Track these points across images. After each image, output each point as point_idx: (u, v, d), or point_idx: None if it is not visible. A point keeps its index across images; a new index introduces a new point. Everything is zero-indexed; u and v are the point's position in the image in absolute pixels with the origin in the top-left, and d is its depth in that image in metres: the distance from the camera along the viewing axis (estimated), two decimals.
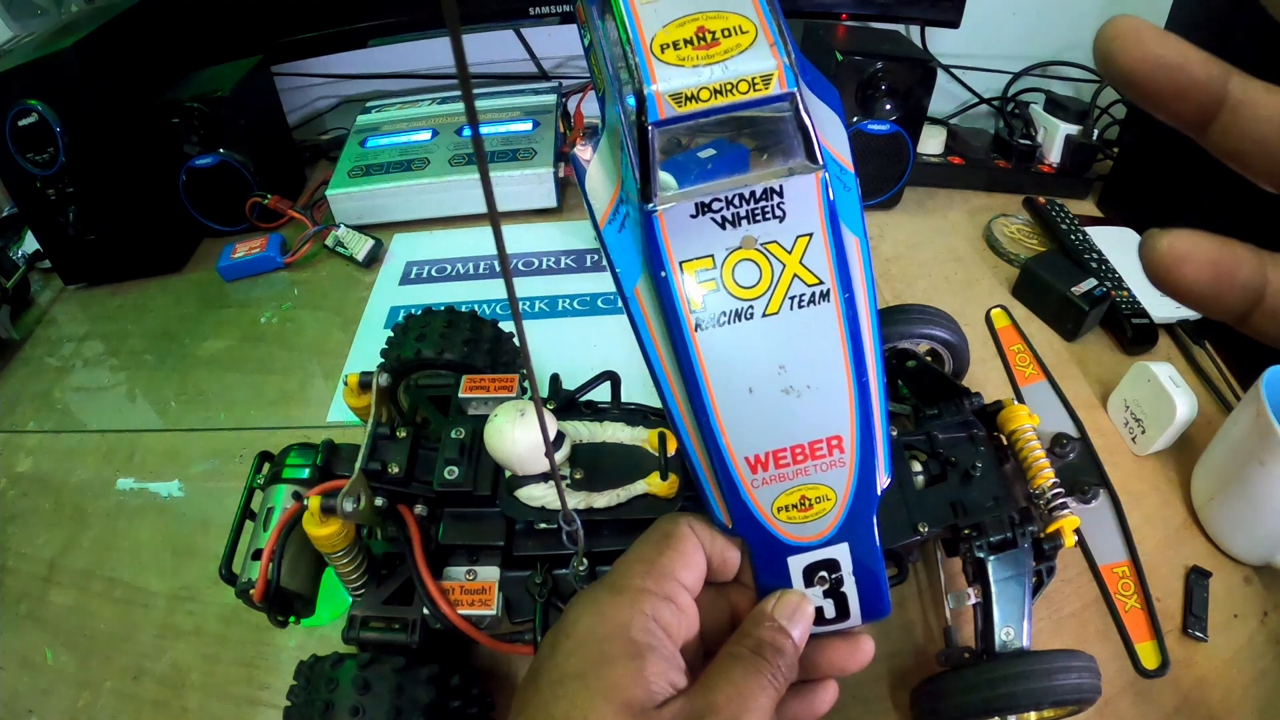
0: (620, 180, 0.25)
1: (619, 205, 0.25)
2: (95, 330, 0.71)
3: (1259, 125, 0.16)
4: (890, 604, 0.27)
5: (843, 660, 0.27)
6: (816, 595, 0.27)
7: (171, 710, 0.44)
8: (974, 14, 0.75)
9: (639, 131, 0.21)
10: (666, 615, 0.24)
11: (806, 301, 0.24)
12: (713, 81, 0.21)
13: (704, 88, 0.21)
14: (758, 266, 0.23)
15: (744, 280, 0.23)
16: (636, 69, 0.21)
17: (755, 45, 0.21)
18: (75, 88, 0.65)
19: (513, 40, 0.89)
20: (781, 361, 0.24)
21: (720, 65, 0.21)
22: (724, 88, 0.21)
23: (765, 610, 0.26)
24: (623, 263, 0.24)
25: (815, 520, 0.26)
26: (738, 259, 0.23)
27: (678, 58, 0.21)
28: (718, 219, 0.23)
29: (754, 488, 0.25)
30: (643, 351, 0.25)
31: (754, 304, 0.23)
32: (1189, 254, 0.17)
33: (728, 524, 0.26)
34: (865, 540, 0.26)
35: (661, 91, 0.21)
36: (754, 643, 0.24)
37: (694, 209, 0.23)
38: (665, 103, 0.21)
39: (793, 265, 0.23)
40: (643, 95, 0.21)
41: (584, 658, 0.23)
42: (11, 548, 0.53)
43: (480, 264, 0.72)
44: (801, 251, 0.23)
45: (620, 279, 0.24)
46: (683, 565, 0.25)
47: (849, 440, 0.25)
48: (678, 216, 0.23)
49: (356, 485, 0.34)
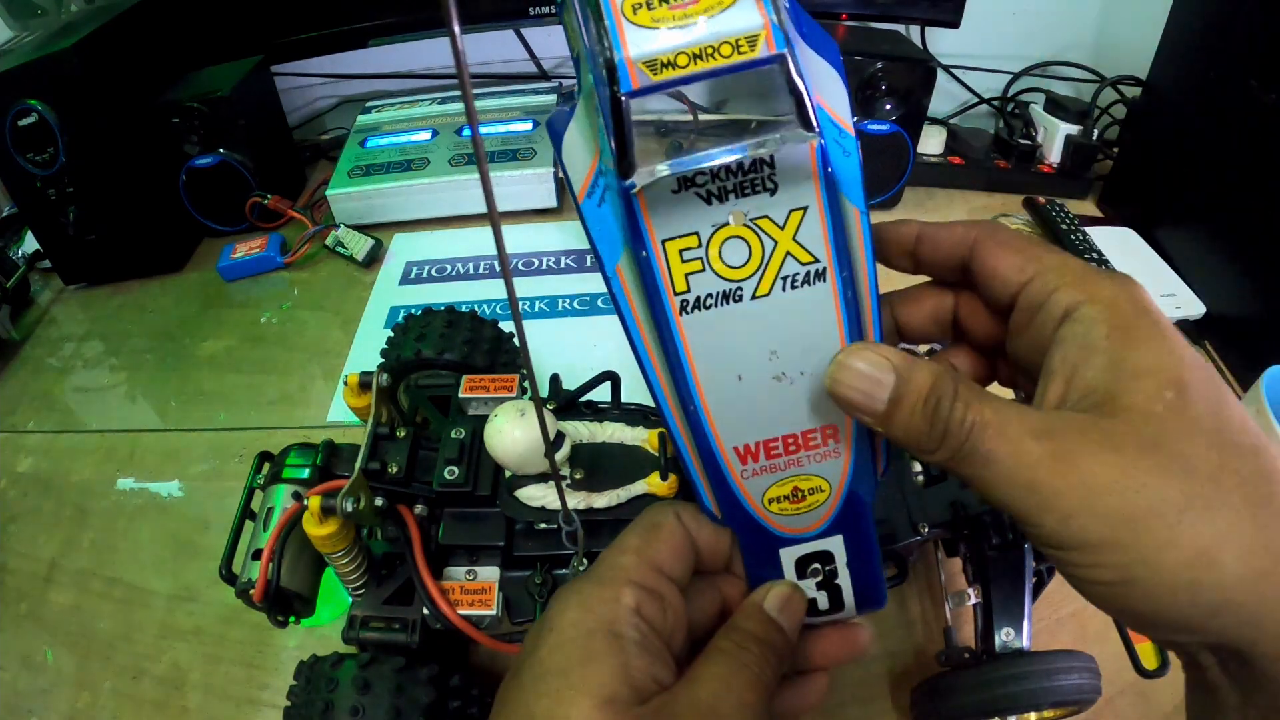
0: (599, 150, 0.22)
1: (597, 177, 0.22)
2: (95, 330, 0.71)
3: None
4: (886, 595, 0.27)
5: (835, 651, 0.27)
6: (809, 587, 0.26)
7: (171, 710, 0.44)
8: (974, 14, 0.75)
9: (612, 103, 0.19)
10: (652, 608, 0.24)
11: (800, 281, 0.22)
12: (691, 44, 0.18)
13: (681, 51, 0.18)
14: (747, 244, 0.21)
15: (732, 259, 0.22)
16: (606, 33, 0.18)
17: (738, 0, 0.19)
18: (75, 88, 0.65)
19: (513, 40, 0.89)
20: (773, 347, 0.23)
21: (699, 25, 0.18)
22: (704, 51, 0.18)
23: (755, 603, 0.25)
24: (603, 239, 0.22)
25: (808, 512, 0.25)
26: (725, 236, 0.21)
27: (651, 18, 0.18)
28: (702, 193, 0.21)
29: (744, 478, 0.24)
30: (626, 334, 0.23)
31: (743, 285, 0.22)
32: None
33: (717, 514, 0.25)
34: (860, 532, 0.25)
35: (634, 58, 0.18)
36: (742, 636, 0.24)
37: (676, 183, 0.21)
38: (639, 70, 0.18)
39: (785, 242, 0.21)
40: (613, 63, 0.18)
41: (567, 653, 0.22)
42: (11, 548, 0.53)
43: (480, 264, 0.72)
44: (795, 227, 0.21)
45: (601, 257, 0.23)
46: (669, 556, 0.25)
47: (844, 430, 0.24)
48: (659, 192, 0.21)
49: (356, 485, 0.34)
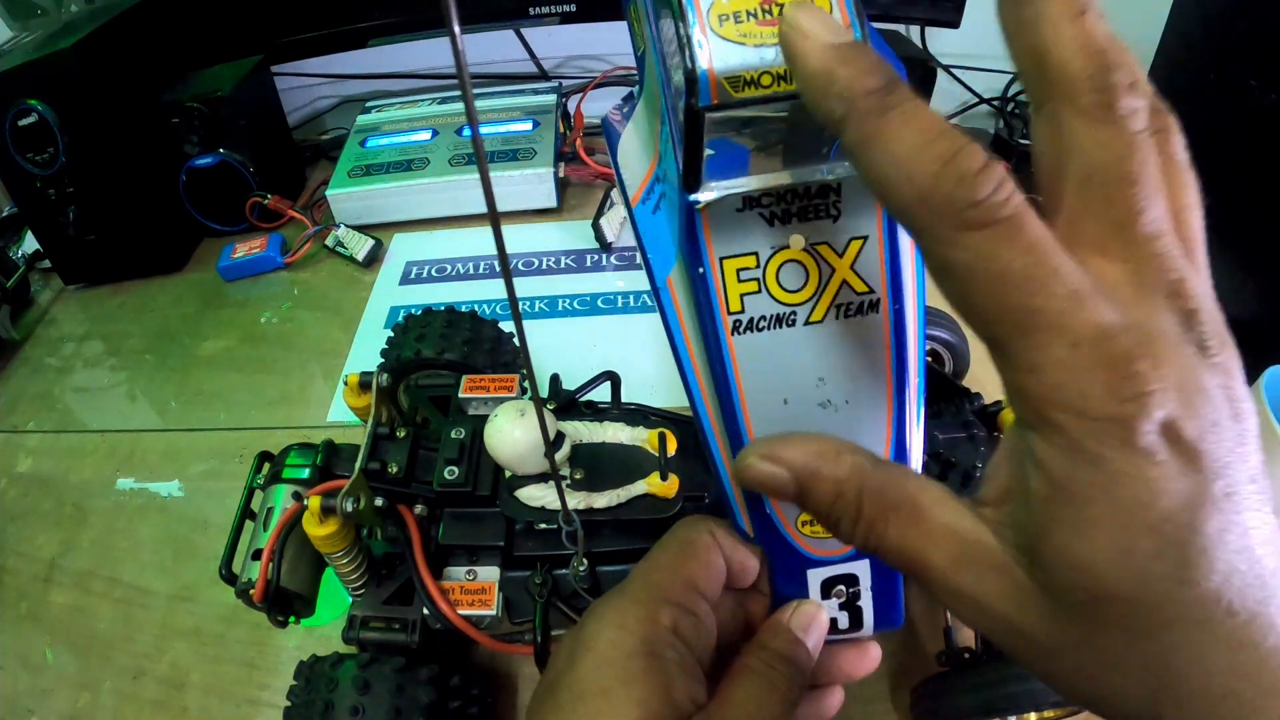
0: (658, 154, 0.22)
1: (654, 183, 0.22)
2: (95, 330, 0.71)
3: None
4: (904, 616, 0.27)
5: (850, 667, 0.27)
6: (832, 607, 0.26)
7: (171, 710, 0.44)
8: (974, 14, 0.75)
9: (687, 116, 0.18)
10: (687, 627, 0.24)
11: (854, 311, 0.22)
12: (777, 65, 0.18)
13: (766, 71, 0.18)
14: (805, 269, 0.21)
15: (789, 283, 0.21)
16: (687, 42, 0.18)
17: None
18: (75, 88, 0.65)
19: (513, 40, 0.89)
20: (821, 373, 0.22)
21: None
22: (789, 73, 0.18)
23: (782, 622, 0.25)
24: (655, 248, 0.22)
25: None
26: (783, 259, 0.21)
27: (738, 33, 0.18)
28: (765, 214, 0.21)
29: (779, 500, 0.24)
30: (672, 346, 0.23)
31: (797, 310, 0.22)
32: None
33: (750, 533, 0.26)
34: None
35: (717, 72, 0.18)
36: (770, 655, 0.24)
37: (741, 202, 0.20)
38: (720, 86, 0.18)
39: (843, 270, 0.21)
40: (694, 75, 0.18)
41: (608, 674, 0.22)
42: (11, 548, 0.53)
43: (480, 264, 0.72)
44: (854, 256, 0.21)
45: (651, 266, 0.22)
46: (704, 575, 0.25)
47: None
48: (723, 209, 0.20)
49: (356, 485, 0.34)
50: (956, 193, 0.15)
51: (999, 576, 0.17)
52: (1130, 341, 0.15)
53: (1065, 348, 0.15)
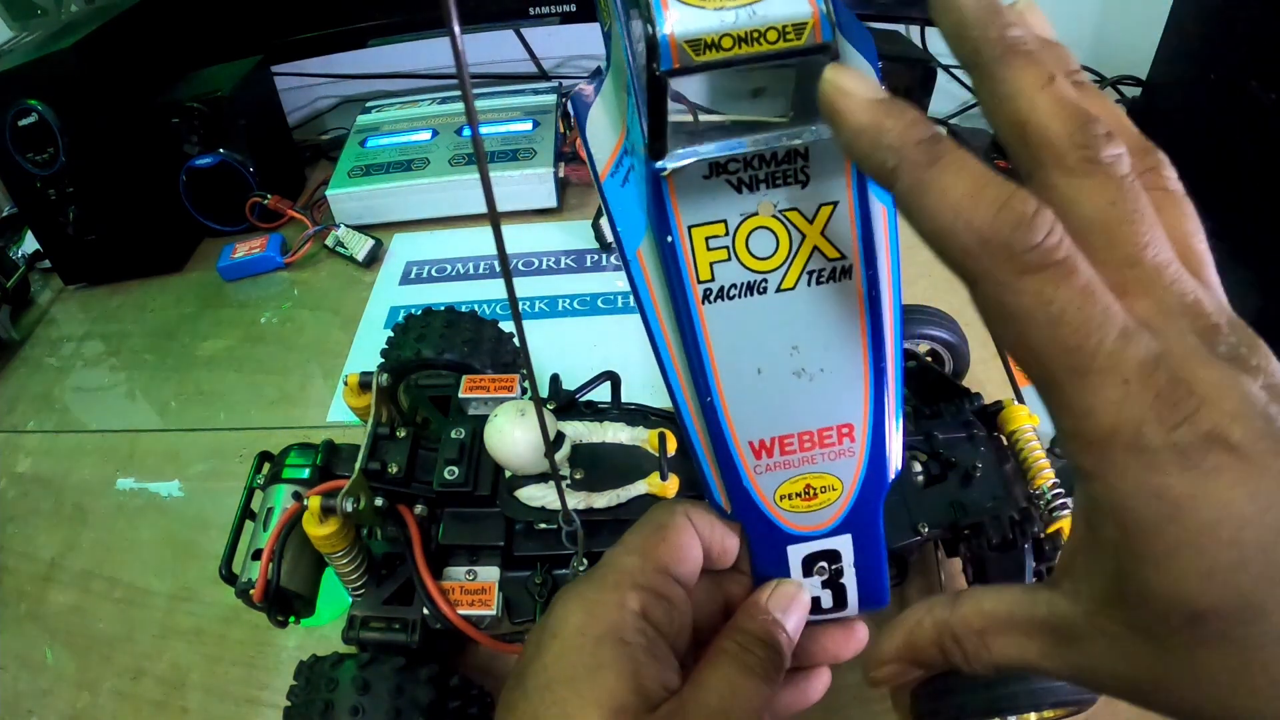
0: (625, 128, 0.22)
1: (622, 156, 0.22)
2: (95, 330, 0.71)
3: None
4: (889, 594, 0.27)
5: (836, 648, 0.27)
6: (814, 585, 0.26)
7: (171, 710, 0.44)
8: None
9: (649, 81, 0.18)
10: (659, 612, 0.23)
11: (826, 277, 0.21)
12: (737, 27, 0.18)
13: (726, 34, 0.18)
14: (775, 236, 0.21)
15: (759, 250, 0.21)
16: (648, 7, 0.18)
17: None
18: (75, 88, 0.65)
19: (513, 40, 0.89)
20: (795, 341, 0.22)
21: (747, 9, 0.18)
22: (750, 35, 0.18)
23: (759, 602, 0.25)
24: (625, 221, 0.22)
25: (819, 510, 0.25)
26: (753, 226, 0.21)
27: None
28: (733, 181, 0.20)
29: (756, 474, 0.24)
30: (643, 320, 0.23)
31: (768, 277, 0.21)
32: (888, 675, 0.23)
33: (726, 509, 0.25)
34: (869, 532, 0.25)
35: (677, 36, 0.17)
36: (746, 637, 0.24)
37: (707, 169, 0.20)
38: (680, 49, 0.18)
39: (813, 236, 0.21)
40: (654, 39, 0.18)
41: (574, 661, 0.22)
42: (11, 548, 0.53)
43: (480, 264, 0.72)
44: (824, 221, 0.21)
45: (622, 239, 0.22)
46: (678, 558, 0.24)
47: (861, 429, 0.24)
48: (689, 177, 0.20)
49: (356, 485, 0.34)
50: (1015, 237, 0.15)
51: (1090, 643, 0.18)
52: (1169, 368, 0.15)
53: (1117, 386, 0.15)
